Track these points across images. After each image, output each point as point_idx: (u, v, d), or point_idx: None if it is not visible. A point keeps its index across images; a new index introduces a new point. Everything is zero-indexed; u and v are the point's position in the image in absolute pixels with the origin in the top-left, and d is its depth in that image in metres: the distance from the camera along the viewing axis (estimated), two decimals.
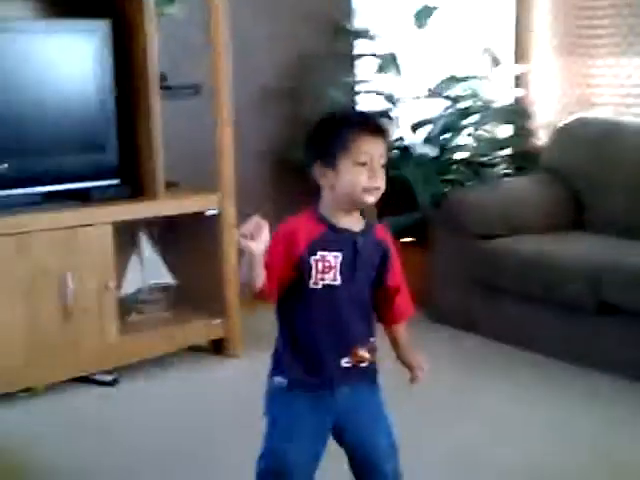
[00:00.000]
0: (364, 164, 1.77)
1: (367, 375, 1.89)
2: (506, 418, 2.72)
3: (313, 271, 1.79)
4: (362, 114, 1.94)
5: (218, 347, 3.32)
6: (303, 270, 1.80)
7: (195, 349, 3.31)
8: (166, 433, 2.63)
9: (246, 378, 3.06)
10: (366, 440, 1.91)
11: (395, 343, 1.95)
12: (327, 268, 1.80)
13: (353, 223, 1.84)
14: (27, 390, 2.87)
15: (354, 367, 1.85)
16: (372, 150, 1.78)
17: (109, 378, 3.01)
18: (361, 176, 1.77)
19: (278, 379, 1.87)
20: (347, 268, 1.81)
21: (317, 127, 1.86)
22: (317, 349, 1.84)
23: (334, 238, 1.81)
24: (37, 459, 2.46)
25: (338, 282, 1.81)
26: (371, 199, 1.81)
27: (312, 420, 1.86)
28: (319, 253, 1.79)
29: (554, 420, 2.70)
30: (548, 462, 2.41)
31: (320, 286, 1.80)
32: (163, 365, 3.17)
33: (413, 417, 2.63)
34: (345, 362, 1.84)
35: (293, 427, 1.86)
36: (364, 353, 1.85)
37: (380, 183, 1.80)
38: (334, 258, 1.80)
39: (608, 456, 2.45)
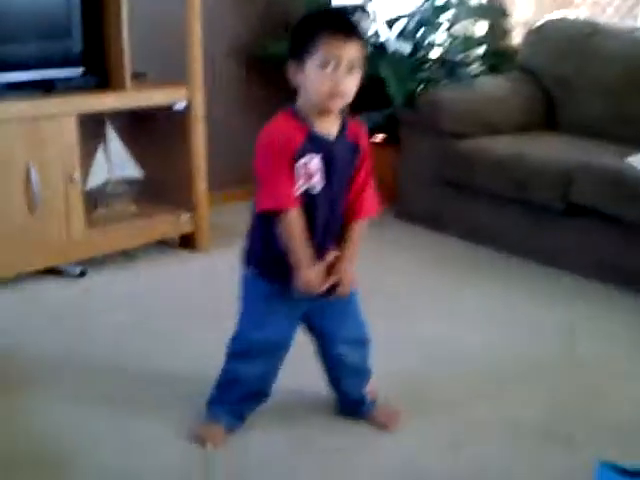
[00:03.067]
0: (329, 67, 1.71)
1: None
2: (470, 315, 2.76)
3: (297, 176, 1.78)
4: (335, 14, 1.82)
5: (186, 242, 3.30)
6: None
7: (163, 243, 3.29)
8: (132, 322, 2.64)
9: (213, 272, 3.07)
10: (331, 330, 1.97)
11: (344, 241, 1.88)
12: (308, 174, 1.78)
13: (330, 124, 1.81)
14: None
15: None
16: (339, 53, 1.70)
17: (77, 270, 2.98)
18: (325, 80, 1.71)
19: (251, 268, 1.90)
20: (325, 174, 1.80)
21: (296, 25, 1.81)
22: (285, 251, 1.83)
23: (314, 144, 1.78)
24: (1, 346, 2.45)
25: (317, 188, 1.80)
26: (335, 105, 1.76)
27: (283, 308, 1.90)
28: (302, 160, 1.77)
29: (519, 316, 2.75)
30: (508, 356, 2.47)
31: (302, 191, 1.79)
32: (131, 259, 3.15)
33: (377, 316, 2.64)
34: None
35: (264, 313, 1.90)
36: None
37: (345, 88, 1.73)
38: (314, 165, 1.78)
39: (567, 349, 2.52)
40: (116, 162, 3.22)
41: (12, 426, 2.04)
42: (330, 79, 1.71)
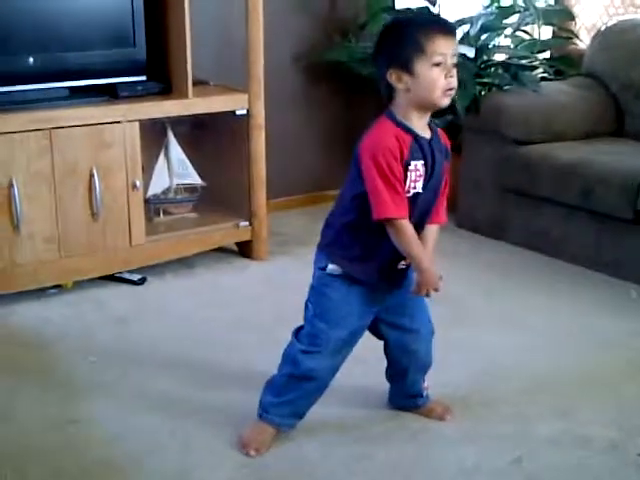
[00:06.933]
0: (440, 64, 1.77)
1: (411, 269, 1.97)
2: (533, 325, 2.69)
3: (408, 180, 1.81)
4: (431, 15, 1.92)
5: (244, 249, 3.30)
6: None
7: (221, 250, 3.29)
8: (189, 330, 2.65)
9: (270, 280, 3.07)
10: (406, 322, 2.02)
11: (424, 244, 1.91)
12: (418, 177, 1.82)
13: (424, 128, 1.85)
14: (56, 287, 2.89)
15: (407, 267, 1.92)
16: (446, 50, 1.77)
17: (137, 277, 3.01)
18: (439, 78, 1.77)
19: (333, 267, 1.91)
20: (427, 175, 1.84)
21: (386, 33, 1.85)
22: (387, 252, 1.86)
23: (419, 146, 1.82)
24: (65, 352, 2.48)
25: (421, 190, 1.84)
26: (447, 100, 1.82)
27: (361, 307, 1.94)
28: (412, 162, 1.80)
29: (583, 327, 2.67)
30: (574, 369, 2.40)
31: (411, 194, 1.83)
32: (190, 266, 3.17)
33: (442, 323, 2.60)
34: (401, 264, 1.90)
35: (345, 312, 1.92)
36: None
37: (455, 83, 1.80)
38: (422, 166, 1.82)
39: (635, 363, 2.44)
40: (177, 169, 3.24)
41: (80, 430, 2.07)
42: (444, 77, 1.77)
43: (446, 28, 1.80)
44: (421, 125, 1.83)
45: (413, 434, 2.05)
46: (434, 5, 3.65)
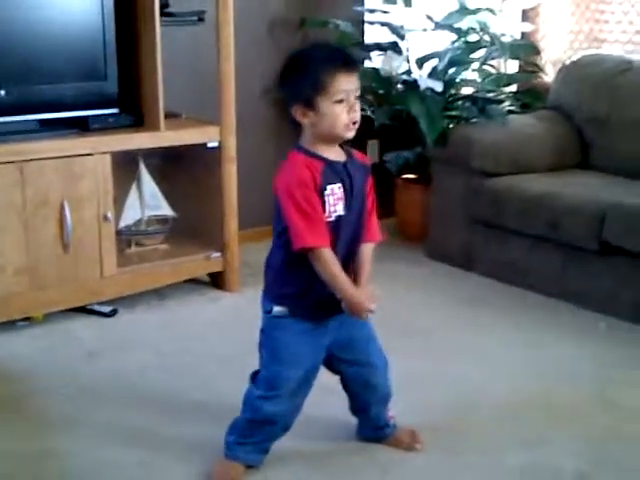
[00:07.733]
0: (342, 101, 1.80)
1: None
2: (502, 356, 2.72)
3: (327, 205, 1.83)
4: (333, 50, 1.92)
5: (216, 280, 3.31)
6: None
7: (193, 282, 3.30)
8: (161, 361, 2.65)
9: (241, 311, 3.08)
10: (362, 357, 2.02)
11: (358, 265, 1.92)
12: (337, 200, 1.84)
13: (337, 153, 1.88)
14: (27, 319, 2.88)
15: None
16: (348, 86, 1.81)
17: (108, 309, 3.00)
18: (341, 114, 1.81)
19: (277, 309, 1.92)
20: (347, 198, 1.86)
21: (289, 67, 1.87)
22: (324, 285, 1.86)
23: (333, 171, 1.85)
24: (35, 385, 2.47)
25: (343, 212, 1.85)
26: (352, 133, 1.85)
27: (312, 342, 1.94)
28: (329, 187, 1.83)
29: (551, 359, 2.70)
30: (543, 400, 2.43)
31: (333, 218, 1.85)
32: (161, 297, 3.17)
33: (410, 355, 2.63)
34: None
35: (298, 351, 1.92)
36: None
37: (359, 117, 1.84)
38: (339, 189, 1.84)
39: (602, 395, 2.47)
40: (149, 201, 3.25)
41: (51, 465, 2.06)
42: (347, 112, 1.81)
43: (348, 64, 1.82)
44: (332, 152, 1.86)
45: (383, 467, 2.06)
46: (403, 40, 3.72)
